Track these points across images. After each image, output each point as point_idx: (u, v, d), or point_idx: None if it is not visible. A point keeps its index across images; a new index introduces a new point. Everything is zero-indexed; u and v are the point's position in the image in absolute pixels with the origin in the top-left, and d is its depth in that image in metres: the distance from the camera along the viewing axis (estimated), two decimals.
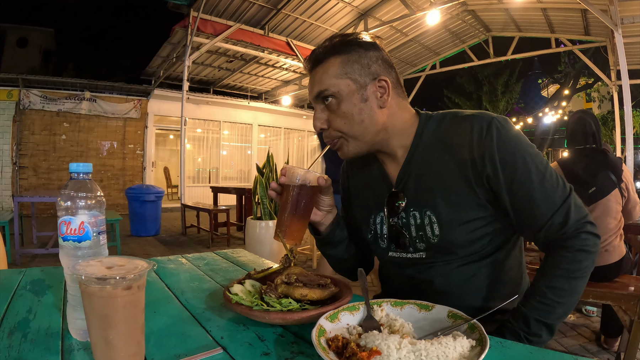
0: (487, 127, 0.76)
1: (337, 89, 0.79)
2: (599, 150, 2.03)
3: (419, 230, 0.83)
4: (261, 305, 0.66)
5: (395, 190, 0.86)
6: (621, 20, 5.43)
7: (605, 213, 1.94)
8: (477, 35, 9.34)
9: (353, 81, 0.80)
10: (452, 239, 0.80)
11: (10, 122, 8.16)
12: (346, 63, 0.80)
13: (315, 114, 0.83)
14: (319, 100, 0.82)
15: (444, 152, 0.81)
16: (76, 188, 0.60)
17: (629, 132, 5.20)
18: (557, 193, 0.76)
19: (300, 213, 0.82)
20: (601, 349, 2.18)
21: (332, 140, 0.84)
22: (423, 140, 0.84)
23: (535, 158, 0.77)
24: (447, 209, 0.79)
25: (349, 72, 0.80)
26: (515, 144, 0.76)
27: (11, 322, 0.66)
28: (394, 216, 0.86)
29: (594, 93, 14.91)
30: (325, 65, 0.81)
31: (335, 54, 0.81)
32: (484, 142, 0.76)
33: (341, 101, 0.80)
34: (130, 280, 0.48)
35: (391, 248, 0.88)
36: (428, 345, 0.51)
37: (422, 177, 0.82)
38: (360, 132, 0.82)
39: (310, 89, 0.84)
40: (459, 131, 0.80)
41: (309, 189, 0.81)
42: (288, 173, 0.82)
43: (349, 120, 0.80)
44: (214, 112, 10.73)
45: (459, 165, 0.78)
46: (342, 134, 0.82)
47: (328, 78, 0.80)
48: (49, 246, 4.37)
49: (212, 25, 7.36)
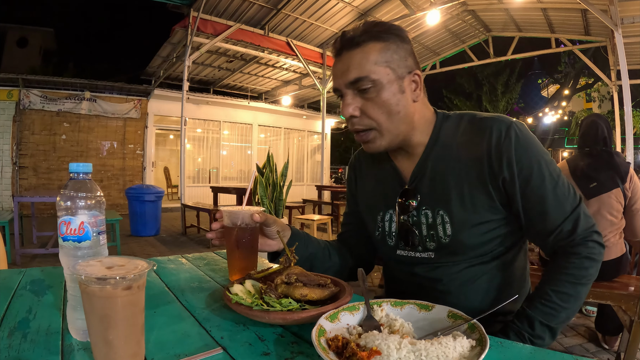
0: (506, 130, 0.77)
1: (378, 77, 0.76)
2: (606, 151, 2.05)
3: (430, 229, 0.82)
4: (261, 305, 0.66)
5: (408, 187, 0.85)
6: (621, 20, 5.42)
7: (604, 208, 1.95)
8: (477, 35, 9.33)
9: (392, 70, 0.77)
10: (463, 239, 0.79)
11: (10, 122, 8.16)
12: (386, 51, 0.77)
13: (346, 100, 0.78)
14: (352, 86, 0.78)
15: (461, 152, 0.80)
16: (76, 188, 0.60)
17: (629, 132, 5.20)
18: (568, 201, 0.77)
19: (246, 251, 0.86)
20: (601, 349, 2.18)
21: (364, 132, 0.80)
22: (440, 139, 0.83)
23: (550, 165, 0.78)
24: (460, 210, 0.79)
25: (389, 60, 0.77)
26: (532, 149, 0.77)
27: (11, 322, 0.66)
28: (405, 214, 0.85)
29: (594, 93, 14.92)
30: (365, 50, 0.76)
31: (374, 39, 0.77)
32: (502, 146, 0.76)
33: (381, 89, 0.76)
34: (130, 280, 0.48)
35: (399, 246, 0.88)
36: (428, 345, 0.51)
37: (437, 176, 0.82)
38: (395, 124, 0.79)
39: (341, 72, 0.78)
40: (478, 133, 0.80)
41: (247, 227, 0.84)
42: (224, 217, 0.85)
43: (387, 110, 0.78)
44: (214, 112, 10.73)
45: (476, 167, 0.78)
46: (377, 124, 0.79)
47: (368, 64, 0.76)
48: (49, 246, 4.36)
49: (212, 25, 7.36)
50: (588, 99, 17.21)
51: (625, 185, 1.97)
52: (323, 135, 9.50)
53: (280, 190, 3.50)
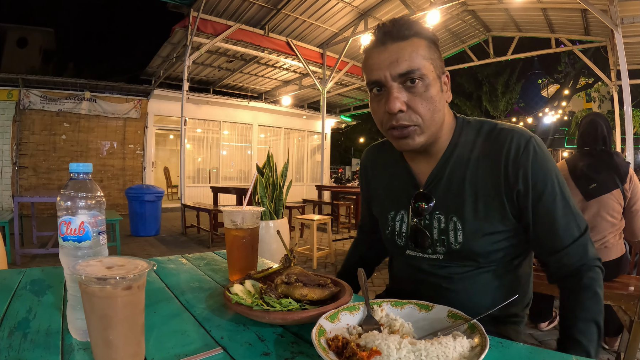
0: (526, 144, 0.77)
1: (427, 72, 0.75)
2: (606, 151, 2.04)
3: (442, 234, 0.82)
4: (261, 305, 0.66)
5: (423, 190, 0.85)
6: (621, 20, 5.42)
7: (603, 209, 1.94)
8: (477, 35, 9.33)
9: (434, 68, 0.77)
10: (473, 248, 0.80)
11: (10, 122, 8.15)
12: (429, 48, 0.77)
13: (393, 93, 0.75)
14: (400, 78, 0.75)
15: (479, 161, 0.80)
16: (76, 188, 0.60)
17: (629, 132, 5.20)
18: (576, 224, 0.77)
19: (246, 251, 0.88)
20: (601, 349, 2.18)
21: (406, 127, 0.77)
22: (460, 145, 0.83)
23: (563, 186, 0.78)
24: (473, 218, 0.79)
25: (432, 58, 0.77)
26: (548, 166, 0.78)
27: (11, 322, 0.66)
28: (418, 217, 0.85)
29: (594, 93, 14.91)
30: (414, 43, 0.75)
31: (418, 35, 0.76)
32: (521, 158, 0.77)
33: (429, 85, 0.76)
34: (130, 280, 0.48)
35: (409, 246, 0.88)
36: (428, 345, 0.51)
37: (454, 182, 0.82)
38: (435, 122, 0.78)
39: (388, 63, 0.75)
40: (497, 143, 0.80)
41: (247, 227, 0.86)
42: (224, 217, 0.87)
43: (432, 107, 0.76)
44: (214, 112, 10.72)
45: (493, 176, 0.79)
46: (422, 120, 0.77)
47: (418, 58, 0.74)
48: (49, 246, 4.36)
49: (212, 25, 7.36)
50: (588, 99, 17.21)
51: (625, 186, 1.97)
52: (323, 135, 9.49)
53: (280, 190, 3.50)
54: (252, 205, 3.79)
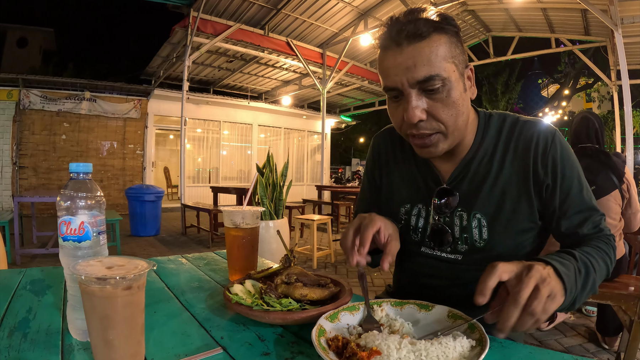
0: (552, 138, 0.76)
1: (448, 75, 0.68)
2: (602, 151, 2.04)
3: (464, 232, 0.79)
4: (261, 305, 0.66)
5: (446, 187, 0.81)
6: (621, 20, 5.42)
7: (604, 212, 1.94)
8: (477, 35, 9.33)
9: (456, 67, 0.70)
10: (498, 246, 0.77)
11: (10, 122, 8.15)
12: (450, 44, 0.69)
13: (412, 102, 0.69)
14: (419, 85, 0.68)
15: (505, 156, 0.78)
16: (76, 188, 0.60)
17: (629, 132, 5.20)
18: (598, 213, 0.78)
19: (246, 251, 0.87)
20: (601, 349, 2.18)
21: (428, 135, 0.72)
22: (485, 141, 0.80)
23: (583, 178, 0.78)
24: (500, 215, 0.77)
25: (454, 55, 0.69)
26: (573, 160, 0.78)
27: (11, 322, 0.66)
28: (440, 214, 0.81)
29: (594, 93, 14.93)
30: (432, 44, 0.67)
31: (438, 30, 0.68)
32: (549, 153, 0.75)
33: (450, 89, 0.69)
34: (130, 280, 0.48)
35: (425, 243, 0.85)
36: (428, 345, 0.51)
37: (479, 179, 0.79)
38: (460, 126, 0.73)
39: (405, 68, 0.68)
40: (523, 137, 0.77)
41: (247, 226, 0.86)
42: (224, 217, 0.87)
43: (456, 112, 0.70)
44: (214, 112, 10.72)
45: (520, 172, 0.77)
46: (445, 127, 0.71)
47: (438, 60, 0.67)
48: (49, 246, 4.36)
49: (212, 25, 7.36)
50: (588, 99, 17.21)
51: (623, 186, 1.97)
52: (323, 135, 9.50)
53: (280, 190, 3.50)
54: (252, 205, 3.79)
